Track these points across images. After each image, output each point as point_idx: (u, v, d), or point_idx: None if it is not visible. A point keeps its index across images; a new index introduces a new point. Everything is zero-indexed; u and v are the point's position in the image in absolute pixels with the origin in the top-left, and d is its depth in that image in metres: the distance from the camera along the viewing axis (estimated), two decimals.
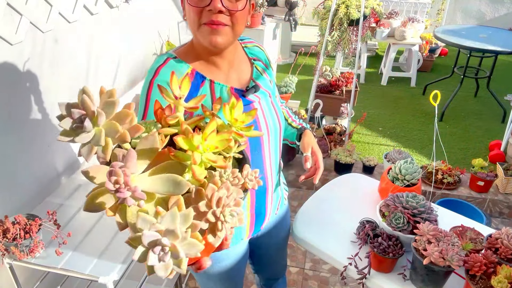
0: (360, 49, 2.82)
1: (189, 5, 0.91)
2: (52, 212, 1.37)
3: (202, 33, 0.93)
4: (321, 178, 2.88)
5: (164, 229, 0.43)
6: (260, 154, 1.09)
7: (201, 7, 0.90)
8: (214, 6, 0.88)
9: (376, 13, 3.05)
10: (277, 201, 1.26)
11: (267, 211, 1.20)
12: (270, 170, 1.15)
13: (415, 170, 1.43)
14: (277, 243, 1.40)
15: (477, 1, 5.94)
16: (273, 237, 1.35)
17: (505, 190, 2.65)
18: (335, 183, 1.61)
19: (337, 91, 3.16)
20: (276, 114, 1.14)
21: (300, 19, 4.92)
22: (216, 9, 0.88)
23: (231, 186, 0.50)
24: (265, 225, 1.24)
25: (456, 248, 1.03)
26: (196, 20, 0.92)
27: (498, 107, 3.94)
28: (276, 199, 1.24)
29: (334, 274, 2.22)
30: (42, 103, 1.60)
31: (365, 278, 1.17)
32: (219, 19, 0.90)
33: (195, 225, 0.45)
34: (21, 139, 1.53)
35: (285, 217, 1.38)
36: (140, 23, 2.32)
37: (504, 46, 3.59)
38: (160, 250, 0.42)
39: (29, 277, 1.55)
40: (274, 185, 1.20)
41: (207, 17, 0.90)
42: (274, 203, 1.23)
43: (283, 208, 1.35)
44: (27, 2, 1.44)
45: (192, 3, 0.90)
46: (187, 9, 0.94)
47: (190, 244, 0.44)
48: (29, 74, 1.52)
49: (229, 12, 0.91)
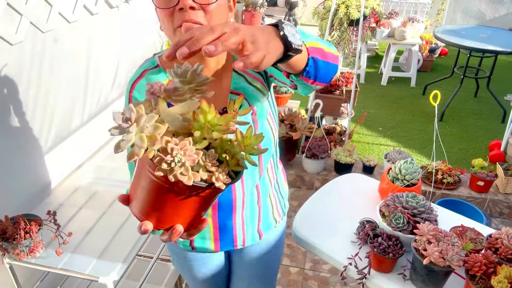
0: (360, 49, 2.82)
1: (159, 9, 0.84)
2: (52, 212, 1.37)
3: (178, 38, 0.86)
4: (321, 178, 2.91)
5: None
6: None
7: (170, 7, 0.82)
8: (184, 3, 0.80)
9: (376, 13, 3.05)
10: (257, 223, 1.14)
11: (235, 228, 1.10)
12: (241, 188, 1.04)
13: (415, 170, 1.43)
14: (260, 270, 1.28)
15: (477, 1, 5.94)
16: (256, 263, 1.25)
17: (505, 190, 2.65)
18: (335, 183, 1.61)
19: (337, 91, 3.16)
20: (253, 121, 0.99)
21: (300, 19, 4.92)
22: (186, 6, 0.80)
23: (193, 154, 0.53)
24: (240, 245, 1.14)
25: (456, 248, 1.03)
26: (169, 24, 0.84)
27: (498, 107, 3.94)
28: (253, 220, 1.12)
29: (334, 274, 2.22)
30: (42, 103, 1.60)
31: (365, 278, 1.17)
32: (192, 17, 0.82)
33: (157, 126, 0.51)
34: (21, 139, 1.53)
35: (275, 244, 1.25)
36: (140, 23, 2.32)
37: (504, 46, 3.59)
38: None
39: (29, 277, 1.55)
40: (248, 206, 1.09)
41: (179, 18, 0.83)
42: (250, 223, 1.12)
43: (274, 233, 1.23)
44: (27, 2, 1.44)
45: (160, 6, 0.83)
46: (159, 16, 0.86)
47: (141, 137, 0.50)
48: (29, 74, 1.52)
49: (202, 8, 0.83)
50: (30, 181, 1.59)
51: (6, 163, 1.47)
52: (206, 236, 1.11)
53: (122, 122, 0.50)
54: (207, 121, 0.55)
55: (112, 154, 1.95)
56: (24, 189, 1.57)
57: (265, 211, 1.15)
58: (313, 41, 0.75)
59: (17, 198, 1.53)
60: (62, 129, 1.75)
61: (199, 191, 0.55)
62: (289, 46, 0.63)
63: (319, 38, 0.79)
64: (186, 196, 0.55)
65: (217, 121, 0.56)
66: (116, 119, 0.50)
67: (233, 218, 1.09)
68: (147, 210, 0.57)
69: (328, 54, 0.77)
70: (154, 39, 2.52)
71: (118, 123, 0.50)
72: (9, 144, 1.47)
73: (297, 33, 0.65)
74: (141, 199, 0.57)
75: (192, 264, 1.22)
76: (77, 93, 1.82)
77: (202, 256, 1.20)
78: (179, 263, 1.25)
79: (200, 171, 0.53)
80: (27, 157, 1.57)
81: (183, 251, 1.19)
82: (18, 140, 1.51)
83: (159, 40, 2.57)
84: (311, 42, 0.74)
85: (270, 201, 1.16)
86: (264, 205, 1.14)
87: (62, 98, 1.72)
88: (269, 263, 1.30)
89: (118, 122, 0.50)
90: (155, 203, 0.56)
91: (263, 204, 1.13)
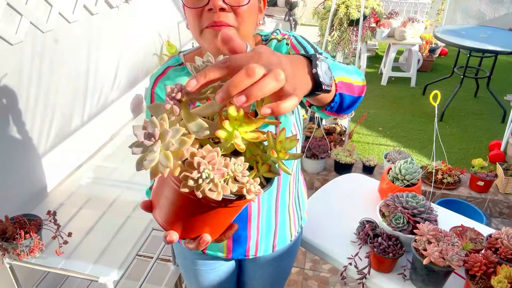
0: (360, 49, 2.82)
1: (187, 7, 0.81)
2: (52, 212, 1.37)
3: (205, 38, 0.82)
4: (321, 178, 2.90)
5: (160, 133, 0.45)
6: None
7: (199, 7, 0.80)
8: (214, 4, 0.77)
9: (376, 13, 3.06)
10: (272, 237, 1.11)
11: (249, 240, 1.08)
12: (257, 200, 1.01)
13: (415, 170, 1.43)
14: (270, 280, 1.26)
15: (477, 1, 5.94)
16: (266, 273, 1.23)
17: (505, 190, 2.65)
18: (335, 183, 1.61)
19: None
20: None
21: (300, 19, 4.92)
22: (217, 7, 0.78)
23: (222, 167, 0.47)
24: (252, 255, 1.12)
25: (456, 248, 1.03)
26: (196, 24, 0.82)
27: (498, 107, 3.94)
28: (268, 233, 1.10)
29: (334, 274, 2.22)
30: (42, 103, 1.61)
31: (365, 278, 1.17)
32: (222, 19, 0.79)
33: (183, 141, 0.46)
34: (21, 139, 1.53)
35: (288, 256, 1.22)
36: (140, 23, 2.32)
37: (504, 46, 3.60)
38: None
39: (29, 277, 1.55)
40: (264, 219, 1.06)
41: (208, 19, 0.80)
42: (265, 237, 1.10)
43: (288, 246, 1.18)
44: (27, 2, 1.44)
45: (189, 5, 0.81)
46: (187, 14, 0.84)
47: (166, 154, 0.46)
48: (29, 74, 1.52)
49: (232, 10, 0.80)
50: (30, 181, 1.59)
51: (6, 163, 1.47)
52: (219, 246, 1.09)
53: (144, 138, 0.44)
54: (236, 128, 0.49)
55: (112, 154, 1.95)
56: (24, 189, 1.57)
57: (282, 225, 1.11)
58: (342, 75, 0.70)
59: (17, 198, 1.53)
60: (62, 129, 1.75)
61: (228, 203, 0.50)
62: (319, 86, 0.57)
63: (350, 68, 0.76)
64: (214, 207, 0.51)
65: (247, 128, 0.50)
66: (138, 135, 0.44)
67: (247, 229, 1.06)
68: (172, 220, 0.53)
69: (356, 88, 0.74)
70: (154, 39, 2.52)
71: (140, 139, 0.44)
72: (9, 144, 1.47)
73: (329, 69, 0.59)
74: (166, 208, 0.53)
75: (200, 269, 1.19)
76: (77, 93, 1.82)
77: (212, 261, 1.17)
78: (186, 266, 1.22)
79: (230, 183, 0.48)
80: (27, 157, 1.57)
81: (192, 255, 1.17)
82: (18, 140, 1.51)
83: (159, 40, 2.57)
84: (341, 77, 0.69)
85: (289, 214, 1.12)
86: (281, 218, 1.10)
87: (62, 98, 1.72)
88: (280, 273, 1.26)
89: (140, 138, 0.44)
90: (181, 213, 0.52)
91: (280, 218, 1.09)
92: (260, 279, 1.25)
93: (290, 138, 0.52)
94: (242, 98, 0.44)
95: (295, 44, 0.95)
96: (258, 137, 0.50)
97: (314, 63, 0.57)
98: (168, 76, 0.93)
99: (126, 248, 1.39)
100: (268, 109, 0.46)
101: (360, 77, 0.77)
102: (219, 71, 0.46)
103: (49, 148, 1.68)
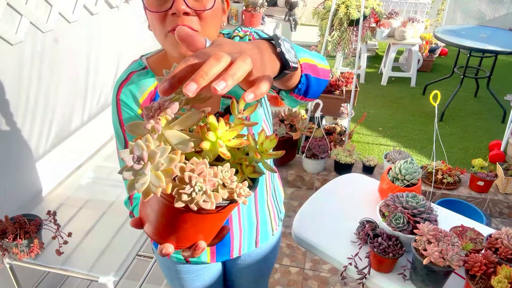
0: (360, 49, 2.82)
1: (150, 11, 0.79)
2: (52, 212, 1.37)
3: (169, 43, 0.81)
4: (321, 178, 2.90)
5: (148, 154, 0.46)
6: None
7: (163, 11, 0.77)
8: (177, 8, 0.75)
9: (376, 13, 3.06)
10: (255, 233, 1.13)
11: (232, 239, 1.08)
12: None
13: (415, 170, 1.43)
14: (255, 275, 1.28)
15: (477, 1, 5.94)
16: (251, 270, 1.24)
17: (505, 190, 2.65)
18: (335, 183, 1.61)
19: (337, 91, 3.16)
20: (248, 129, 0.95)
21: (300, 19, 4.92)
22: (180, 11, 0.76)
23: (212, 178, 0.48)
24: (236, 255, 1.13)
25: (456, 248, 1.03)
26: (160, 28, 0.80)
27: (498, 107, 3.94)
28: (251, 230, 1.11)
29: (334, 274, 2.22)
30: (42, 103, 1.61)
31: (365, 278, 1.17)
32: (186, 23, 0.77)
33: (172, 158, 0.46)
34: (21, 138, 1.53)
35: (271, 250, 1.25)
36: (140, 23, 2.32)
37: (504, 46, 3.60)
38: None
39: (29, 277, 1.55)
40: (245, 216, 1.07)
41: (171, 22, 0.78)
42: (248, 234, 1.11)
43: (271, 240, 1.21)
44: (27, 2, 1.44)
45: (151, 8, 0.78)
46: (149, 17, 0.82)
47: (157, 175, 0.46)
48: (29, 74, 1.52)
49: (196, 14, 0.79)
50: (30, 181, 1.59)
51: (6, 163, 1.47)
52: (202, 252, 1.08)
53: (134, 162, 0.44)
54: (219, 137, 0.50)
55: (112, 154, 1.95)
56: (24, 189, 1.57)
57: (263, 221, 1.13)
58: (307, 57, 0.71)
59: (17, 198, 1.53)
60: (62, 129, 1.75)
61: (221, 209, 0.51)
62: (286, 64, 0.58)
63: (312, 52, 0.76)
64: (206, 216, 0.51)
65: (229, 135, 0.51)
66: (127, 160, 0.44)
67: (230, 231, 1.05)
68: (164, 233, 0.53)
69: (321, 70, 0.74)
70: (154, 39, 2.52)
71: (129, 164, 0.45)
72: (9, 144, 1.47)
73: (292, 49, 0.61)
74: (157, 223, 0.53)
75: (184, 277, 1.16)
76: (77, 93, 1.82)
77: (196, 268, 1.15)
78: (171, 277, 1.20)
79: (220, 190, 0.49)
80: (27, 157, 1.57)
81: (175, 265, 1.14)
82: (18, 140, 1.51)
83: None
84: (305, 58, 0.70)
85: (268, 209, 1.14)
86: (261, 214, 1.11)
87: (62, 98, 1.72)
88: (264, 268, 1.28)
89: (130, 163, 0.45)
90: (173, 226, 0.52)
91: (260, 214, 1.11)
92: (245, 276, 1.26)
93: (269, 137, 0.53)
94: (222, 83, 0.44)
95: (257, 38, 0.96)
96: (241, 143, 0.51)
97: (276, 42, 0.58)
98: (132, 81, 0.91)
99: (126, 248, 1.39)
100: (251, 94, 0.47)
101: (323, 61, 0.78)
102: (187, 69, 0.46)
103: (49, 148, 1.68)
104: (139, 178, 0.45)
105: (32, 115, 1.56)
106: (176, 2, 0.76)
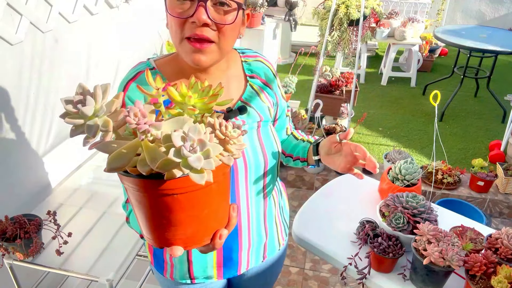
0: (360, 49, 2.82)
1: (170, 15, 0.80)
2: (52, 212, 1.37)
3: (184, 49, 0.82)
4: (321, 178, 2.90)
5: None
6: (233, 192, 0.93)
7: (183, 18, 0.78)
8: (198, 18, 0.76)
9: (376, 13, 3.05)
10: (263, 248, 1.10)
11: (240, 253, 1.04)
12: (247, 213, 0.99)
13: (415, 170, 1.43)
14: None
15: (477, 1, 5.94)
16: (257, 283, 1.20)
17: (505, 190, 2.65)
18: (335, 183, 1.61)
19: (337, 91, 3.16)
20: (261, 146, 0.96)
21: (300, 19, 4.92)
22: (201, 21, 0.76)
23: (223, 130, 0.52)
24: (243, 270, 1.09)
25: (456, 248, 1.03)
26: (178, 32, 0.80)
27: (498, 107, 3.94)
28: (260, 244, 1.08)
29: (334, 274, 2.22)
30: (42, 103, 1.61)
31: (365, 278, 1.16)
32: (204, 33, 0.78)
33: (210, 137, 0.48)
34: (21, 138, 1.53)
35: (277, 262, 1.21)
36: (140, 23, 2.32)
37: (504, 46, 3.59)
38: (190, 145, 0.46)
39: (29, 277, 1.55)
40: (255, 230, 1.04)
41: (190, 30, 0.78)
42: (256, 249, 1.07)
43: (277, 254, 1.18)
44: (27, 2, 1.44)
45: (173, 14, 0.78)
46: (169, 19, 0.82)
47: (213, 145, 0.47)
48: (29, 74, 1.52)
49: (216, 26, 0.79)
50: (30, 181, 1.59)
51: (6, 163, 1.47)
52: (208, 263, 1.02)
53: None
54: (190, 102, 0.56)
55: None
56: (24, 189, 1.57)
57: (271, 236, 1.11)
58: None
59: (17, 198, 1.53)
60: (62, 129, 1.75)
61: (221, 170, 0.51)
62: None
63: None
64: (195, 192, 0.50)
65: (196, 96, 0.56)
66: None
67: (239, 242, 1.02)
68: (168, 236, 0.52)
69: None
70: (154, 39, 2.52)
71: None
72: (9, 144, 1.47)
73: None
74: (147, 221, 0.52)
75: None
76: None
77: (200, 286, 1.07)
78: None
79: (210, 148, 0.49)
80: (27, 157, 1.57)
81: (177, 285, 1.07)
82: (18, 140, 1.51)
83: (159, 40, 2.57)
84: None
85: (276, 225, 1.12)
86: (270, 229, 1.10)
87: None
88: (270, 281, 1.25)
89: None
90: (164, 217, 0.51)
91: (269, 229, 1.09)
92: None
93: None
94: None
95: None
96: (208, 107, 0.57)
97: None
98: (141, 79, 0.90)
99: (126, 248, 1.39)
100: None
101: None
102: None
103: (49, 148, 1.68)
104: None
105: (32, 115, 1.56)
106: (198, 11, 0.76)
